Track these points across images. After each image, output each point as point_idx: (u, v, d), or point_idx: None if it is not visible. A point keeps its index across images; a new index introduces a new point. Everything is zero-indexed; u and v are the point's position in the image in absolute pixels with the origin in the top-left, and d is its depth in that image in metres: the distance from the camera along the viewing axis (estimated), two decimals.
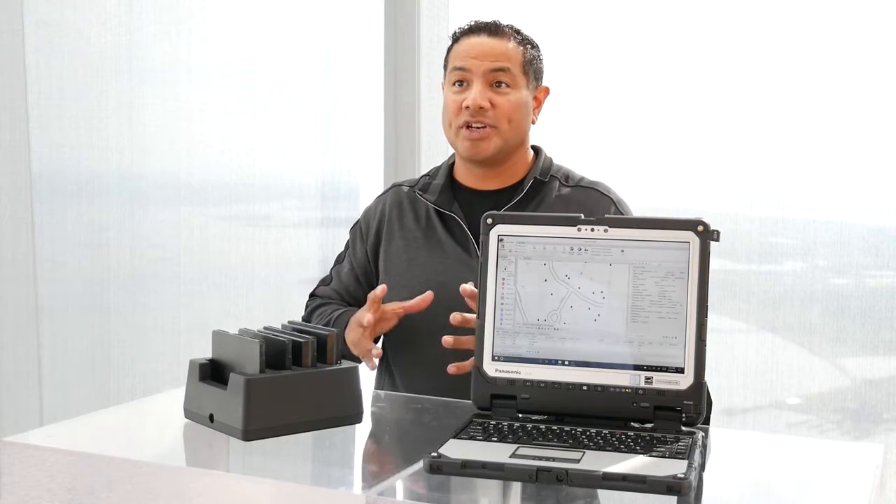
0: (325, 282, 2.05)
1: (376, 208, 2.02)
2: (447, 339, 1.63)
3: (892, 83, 2.44)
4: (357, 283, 2.00)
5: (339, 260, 2.06)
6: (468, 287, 1.63)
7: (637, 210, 1.95)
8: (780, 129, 2.53)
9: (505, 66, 1.86)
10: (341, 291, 2.01)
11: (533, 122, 1.94)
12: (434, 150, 2.93)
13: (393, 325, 1.78)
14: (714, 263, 1.34)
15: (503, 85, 1.86)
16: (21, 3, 2.85)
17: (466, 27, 1.92)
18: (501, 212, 1.50)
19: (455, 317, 1.61)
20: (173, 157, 3.05)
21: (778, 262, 2.58)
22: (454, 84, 1.89)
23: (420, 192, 1.95)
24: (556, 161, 1.99)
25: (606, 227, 1.35)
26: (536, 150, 1.99)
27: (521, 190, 1.90)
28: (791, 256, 2.57)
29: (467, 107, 1.84)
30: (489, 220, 1.39)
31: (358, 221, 2.05)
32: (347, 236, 2.08)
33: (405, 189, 2.00)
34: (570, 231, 1.36)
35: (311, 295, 2.07)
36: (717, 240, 1.33)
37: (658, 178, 2.64)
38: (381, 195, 2.04)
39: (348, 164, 3.11)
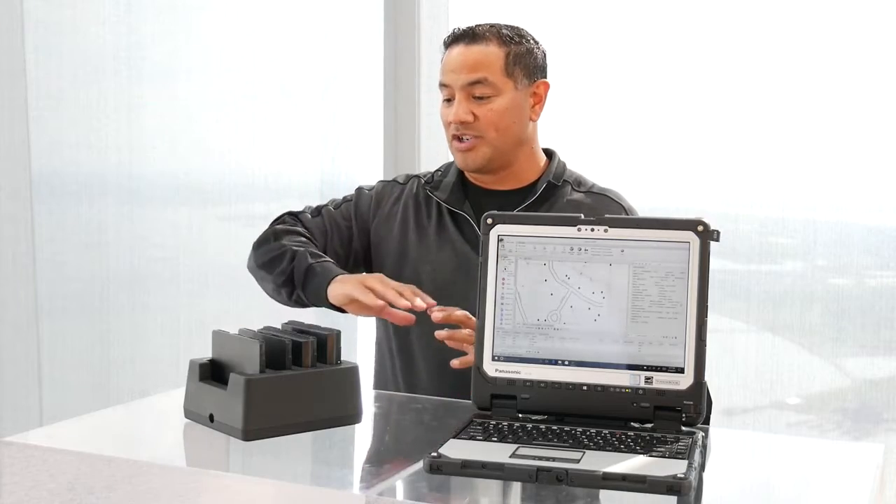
0: (313, 213, 1.98)
1: (392, 194, 1.97)
2: (440, 333, 1.61)
3: (892, 83, 2.44)
4: (339, 228, 1.94)
5: (336, 206, 1.99)
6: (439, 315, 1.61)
7: (638, 210, 1.95)
8: (780, 129, 2.53)
9: (481, 76, 1.84)
10: (325, 227, 1.94)
11: (533, 120, 1.91)
12: (434, 150, 2.93)
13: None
14: (714, 263, 1.34)
15: (483, 97, 1.85)
16: (21, 3, 2.85)
17: (448, 37, 1.91)
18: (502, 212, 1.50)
19: (440, 334, 1.61)
20: (173, 157, 3.05)
21: (778, 262, 2.58)
22: (444, 98, 1.90)
23: (431, 190, 1.94)
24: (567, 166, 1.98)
25: (606, 227, 1.35)
26: (550, 153, 1.98)
27: (534, 193, 1.89)
28: (791, 256, 2.57)
29: (451, 122, 1.86)
30: (489, 220, 1.39)
31: (371, 191, 1.99)
32: None
33: (421, 182, 1.97)
34: (570, 231, 1.36)
35: (293, 215, 1.99)
36: (717, 240, 1.33)
37: (658, 178, 2.64)
38: (402, 183, 1.99)
39: (348, 164, 3.11)
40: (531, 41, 1.90)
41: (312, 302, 1.81)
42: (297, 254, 1.83)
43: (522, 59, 1.87)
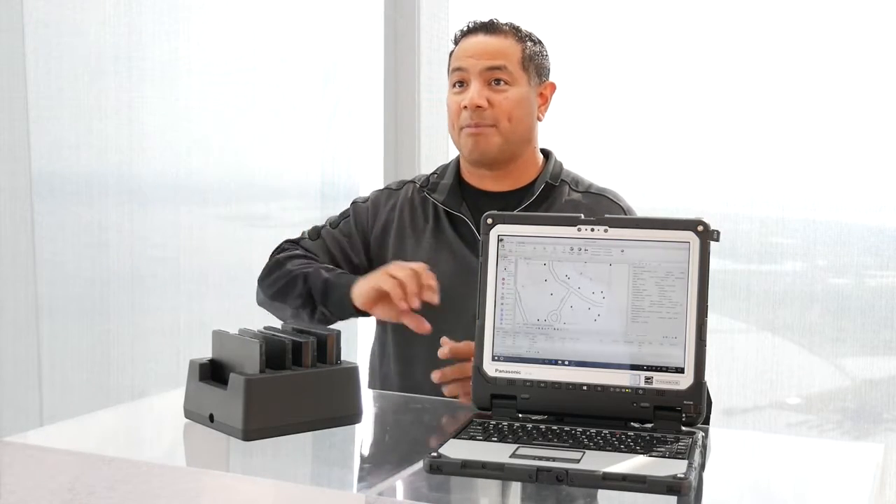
0: (311, 236, 1.96)
1: (388, 201, 1.97)
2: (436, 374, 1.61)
3: (892, 83, 2.44)
4: (341, 247, 1.93)
5: (334, 225, 1.98)
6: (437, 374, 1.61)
7: (637, 210, 1.95)
8: (780, 128, 2.53)
9: (501, 63, 1.85)
10: (329, 249, 1.94)
11: (539, 119, 1.92)
12: (434, 150, 2.93)
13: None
14: (714, 263, 1.34)
15: (501, 83, 1.85)
16: (21, 3, 2.85)
17: (465, 28, 1.92)
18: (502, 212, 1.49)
19: (435, 374, 1.60)
20: (173, 157, 3.05)
21: (778, 262, 2.57)
22: (454, 85, 1.88)
23: (428, 192, 1.93)
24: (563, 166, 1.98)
25: (606, 227, 1.35)
26: (546, 153, 1.97)
27: (532, 194, 1.88)
28: (791, 256, 2.57)
29: (465, 107, 1.84)
30: (489, 220, 1.39)
31: (366, 203, 1.98)
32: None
33: (416, 186, 1.97)
34: (570, 231, 1.36)
35: (292, 242, 1.97)
36: (717, 240, 1.33)
37: (658, 178, 2.64)
38: (395, 189, 1.99)
39: (348, 164, 3.11)
40: (539, 43, 1.92)
41: (337, 314, 1.79)
42: (309, 274, 1.82)
43: (535, 57, 1.89)
